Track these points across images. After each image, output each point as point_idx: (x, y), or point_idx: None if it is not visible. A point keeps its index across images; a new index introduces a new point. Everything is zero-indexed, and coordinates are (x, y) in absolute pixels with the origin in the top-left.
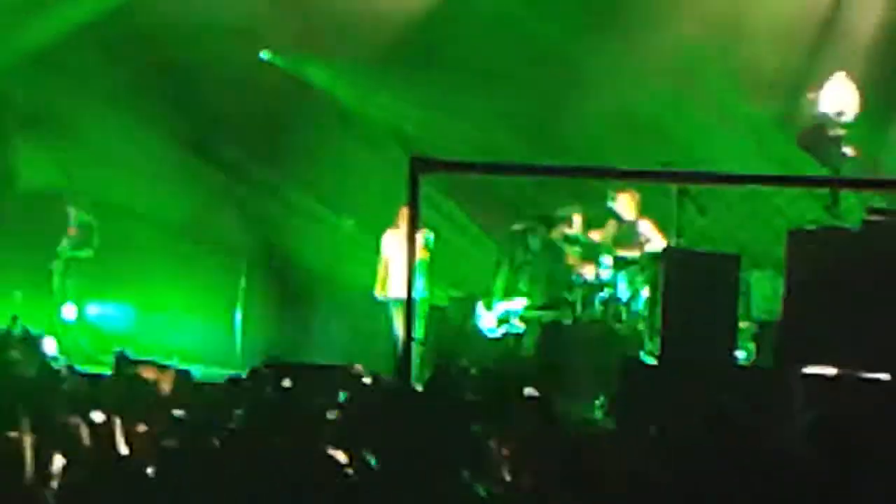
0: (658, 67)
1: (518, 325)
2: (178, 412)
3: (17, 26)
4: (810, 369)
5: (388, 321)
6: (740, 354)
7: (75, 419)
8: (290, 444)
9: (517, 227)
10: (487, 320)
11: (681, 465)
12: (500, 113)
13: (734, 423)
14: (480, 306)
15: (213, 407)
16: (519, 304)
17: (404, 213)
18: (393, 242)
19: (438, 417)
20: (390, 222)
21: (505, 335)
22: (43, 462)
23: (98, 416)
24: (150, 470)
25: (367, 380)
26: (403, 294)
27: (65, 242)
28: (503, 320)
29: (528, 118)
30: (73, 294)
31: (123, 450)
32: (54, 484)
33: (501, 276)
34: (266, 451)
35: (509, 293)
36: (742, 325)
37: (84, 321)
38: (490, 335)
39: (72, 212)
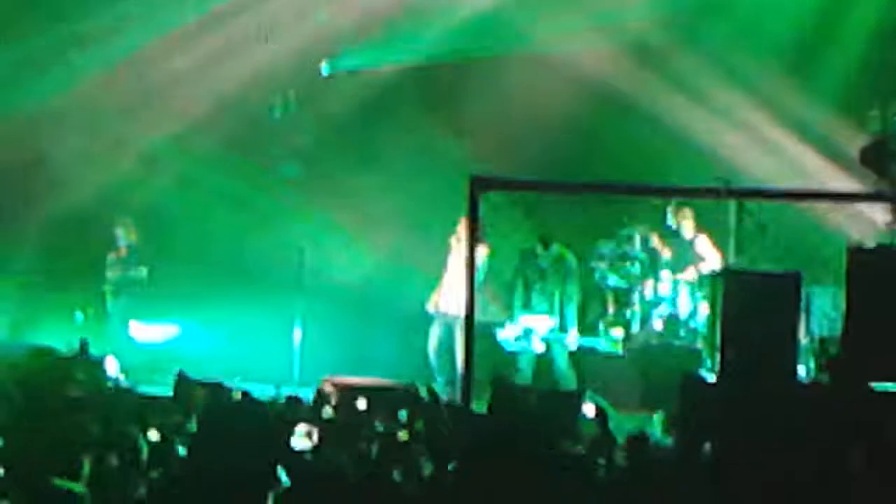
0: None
1: (536, 344)
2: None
3: None
4: (872, 385)
5: (426, 336)
6: (801, 371)
7: (138, 437)
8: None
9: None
10: (507, 332)
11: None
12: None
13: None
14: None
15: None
16: (543, 323)
17: (462, 228)
18: (450, 258)
19: (506, 437)
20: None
21: (527, 351)
22: (107, 479)
23: (157, 435)
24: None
25: (426, 398)
26: (450, 310)
27: (115, 263)
28: (523, 336)
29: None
30: (130, 314)
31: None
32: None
33: (517, 292)
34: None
35: (528, 308)
36: (802, 341)
37: (142, 341)
38: (507, 348)
39: (120, 232)
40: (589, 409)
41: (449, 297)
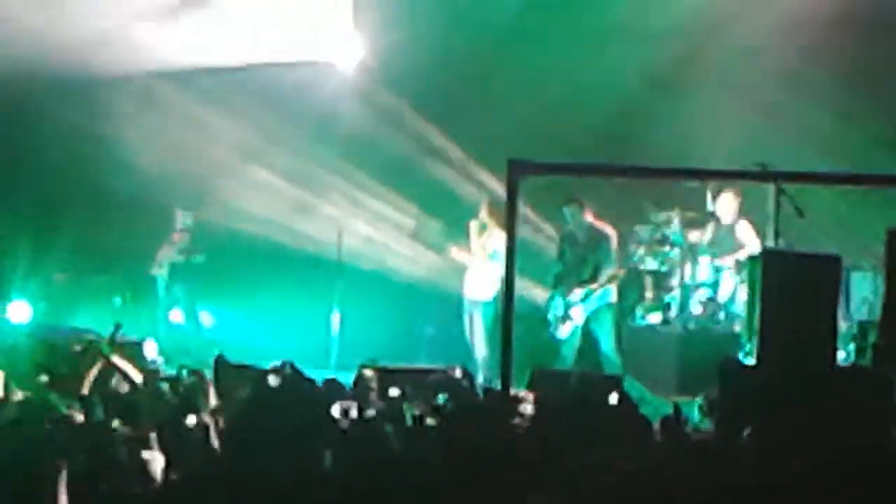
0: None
1: (577, 315)
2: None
3: None
4: None
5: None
6: (841, 355)
7: (175, 421)
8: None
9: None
10: (550, 315)
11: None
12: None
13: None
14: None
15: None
16: (575, 295)
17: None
18: (472, 243)
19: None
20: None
21: (573, 336)
22: (143, 462)
23: (194, 419)
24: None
25: (465, 383)
26: (471, 294)
27: (170, 247)
28: (565, 314)
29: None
30: (179, 298)
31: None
32: (155, 484)
33: (556, 274)
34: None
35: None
36: (842, 325)
37: (187, 325)
38: (552, 333)
39: (179, 216)
40: (613, 397)
41: (470, 282)
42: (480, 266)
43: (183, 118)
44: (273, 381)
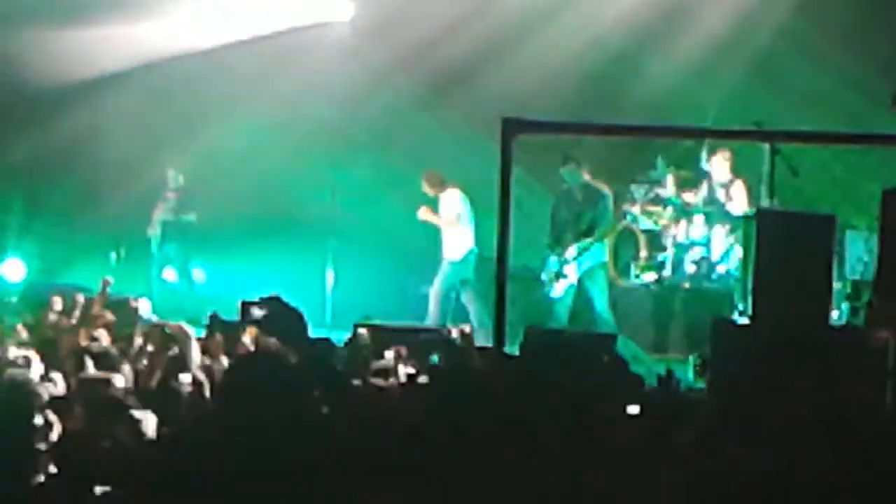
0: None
1: (571, 272)
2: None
3: None
4: None
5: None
6: (834, 314)
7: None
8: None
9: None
10: (545, 275)
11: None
12: None
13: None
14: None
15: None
16: (569, 253)
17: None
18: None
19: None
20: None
21: (566, 295)
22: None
23: (188, 377)
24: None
25: (459, 342)
26: (449, 255)
27: (163, 206)
28: (560, 271)
29: None
30: (172, 256)
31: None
32: (145, 440)
33: (551, 233)
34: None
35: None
36: (836, 285)
37: (179, 283)
38: (547, 293)
39: (171, 175)
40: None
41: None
42: (446, 231)
43: (179, 84)
44: (257, 312)
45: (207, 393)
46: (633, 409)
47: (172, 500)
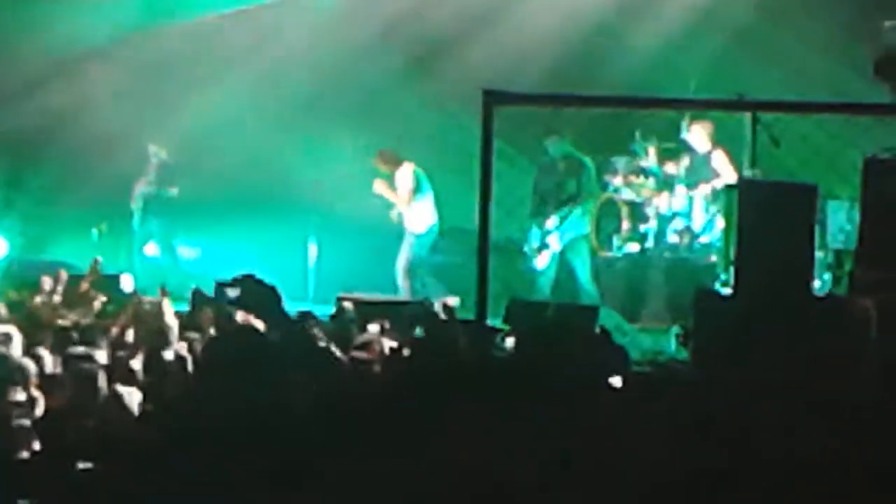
0: None
1: (553, 242)
2: None
3: None
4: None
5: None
6: (816, 284)
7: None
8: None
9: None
10: (527, 248)
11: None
12: None
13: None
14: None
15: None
16: (551, 223)
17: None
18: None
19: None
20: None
21: (549, 267)
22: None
23: (171, 353)
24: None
25: (441, 315)
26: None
27: (145, 181)
28: (541, 246)
29: None
30: (154, 231)
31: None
32: (127, 414)
33: (533, 205)
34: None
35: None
36: (818, 254)
37: (162, 258)
38: (529, 266)
39: (152, 149)
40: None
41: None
42: (407, 206)
43: (162, 59)
44: (231, 293)
45: (190, 368)
46: (616, 381)
47: (157, 475)
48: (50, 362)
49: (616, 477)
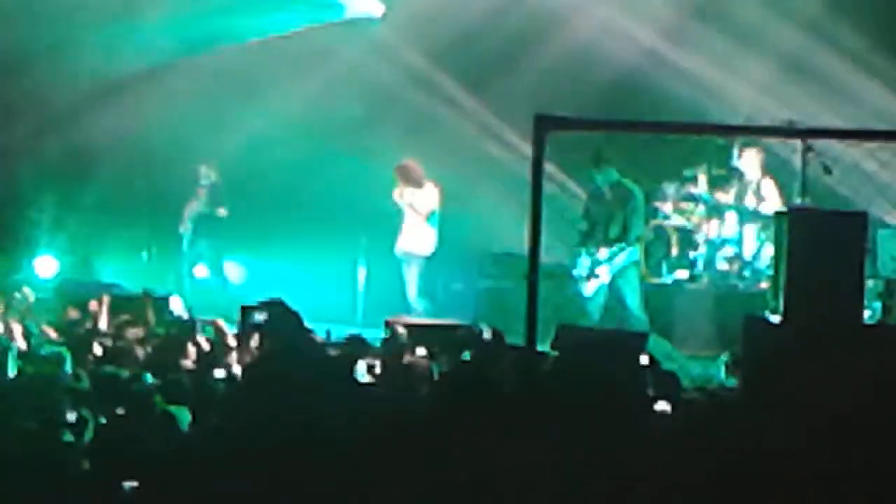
0: None
1: (603, 273)
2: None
3: None
4: None
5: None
6: (867, 313)
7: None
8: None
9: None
10: (576, 272)
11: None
12: None
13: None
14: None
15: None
16: (602, 254)
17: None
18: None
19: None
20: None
21: (598, 293)
22: (168, 414)
23: (220, 372)
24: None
25: (488, 338)
26: (402, 247)
27: (195, 202)
28: (590, 275)
29: None
30: (203, 253)
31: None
32: (181, 433)
33: (582, 231)
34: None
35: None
36: (869, 283)
37: (211, 280)
38: (579, 292)
39: (202, 171)
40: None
41: (407, 237)
42: (417, 224)
43: (211, 81)
44: (259, 317)
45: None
46: (664, 407)
47: (204, 495)
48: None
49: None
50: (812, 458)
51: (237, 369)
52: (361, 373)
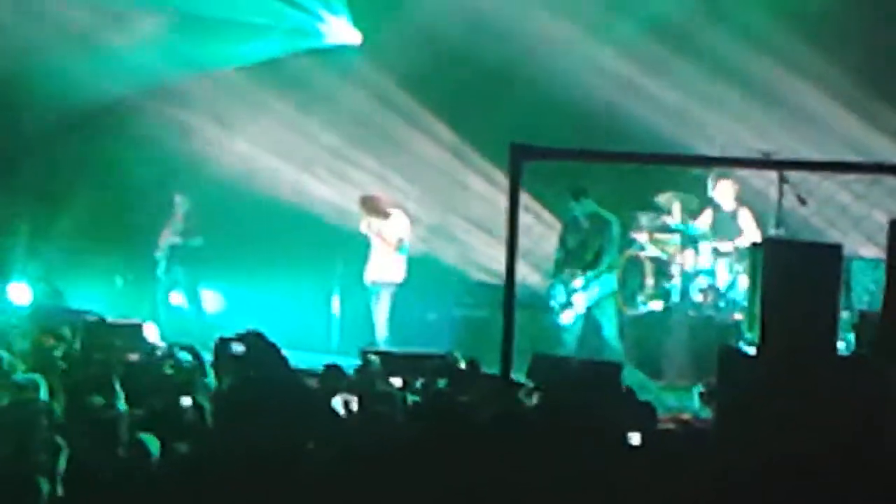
0: None
1: (579, 302)
2: None
3: None
4: None
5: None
6: (841, 345)
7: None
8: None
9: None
10: (553, 303)
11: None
12: None
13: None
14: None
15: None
16: (577, 283)
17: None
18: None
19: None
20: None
21: (575, 323)
22: (140, 442)
23: (189, 400)
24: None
25: (463, 367)
26: (382, 277)
27: (170, 230)
28: (567, 301)
29: None
30: (179, 280)
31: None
32: (151, 463)
33: (558, 260)
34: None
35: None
36: (843, 314)
37: (189, 307)
38: (560, 324)
39: (178, 199)
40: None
41: (376, 266)
42: (386, 254)
43: (186, 108)
44: (236, 348)
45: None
46: (635, 439)
47: None
48: (69, 410)
49: None
50: (785, 488)
51: (209, 398)
52: (338, 406)
